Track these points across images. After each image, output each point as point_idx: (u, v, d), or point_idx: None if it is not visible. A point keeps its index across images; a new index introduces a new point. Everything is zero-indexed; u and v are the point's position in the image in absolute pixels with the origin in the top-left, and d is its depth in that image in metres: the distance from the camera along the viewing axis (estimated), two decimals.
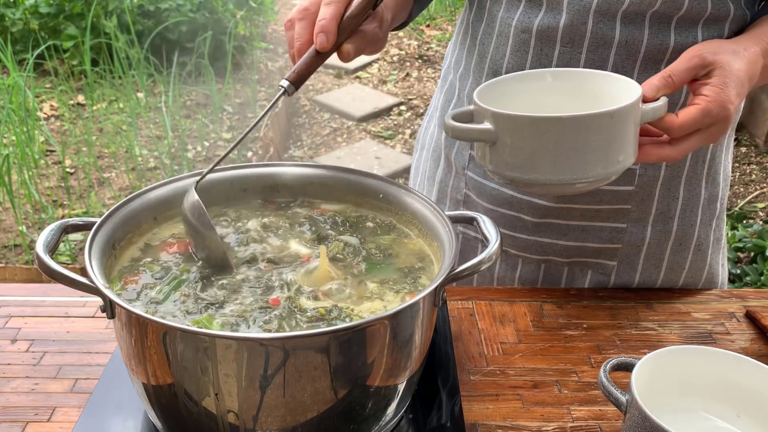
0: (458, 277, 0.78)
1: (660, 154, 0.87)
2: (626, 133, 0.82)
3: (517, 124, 0.82)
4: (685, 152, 0.87)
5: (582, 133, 0.80)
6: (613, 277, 1.14)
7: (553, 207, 1.10)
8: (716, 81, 0.85)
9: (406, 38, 5.84)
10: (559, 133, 0.80)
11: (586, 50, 1.00)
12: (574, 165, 0.82)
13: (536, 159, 0.82)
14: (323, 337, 0.70)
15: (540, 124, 0.81)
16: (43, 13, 4.46)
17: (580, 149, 0.81)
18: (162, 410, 0.79)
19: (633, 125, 0.82)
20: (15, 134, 3.40)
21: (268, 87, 4.62)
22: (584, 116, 0.80)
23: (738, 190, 3.60)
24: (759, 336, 1.04)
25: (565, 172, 0.82)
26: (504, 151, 0.84)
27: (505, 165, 0.85)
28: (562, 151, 0.81)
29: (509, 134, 0.83)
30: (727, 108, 0.84)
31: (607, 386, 0.79)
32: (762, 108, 3.94)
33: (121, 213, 0.87)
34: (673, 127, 0.84)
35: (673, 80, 0.85)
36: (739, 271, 2.63)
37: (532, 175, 0.83)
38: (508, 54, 1.05)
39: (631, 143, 0.83)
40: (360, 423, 0.78)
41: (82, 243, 3.01)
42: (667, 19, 0.97)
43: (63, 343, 1.00)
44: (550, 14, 1.00)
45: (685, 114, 0.84)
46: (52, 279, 0.76)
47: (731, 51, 0.87)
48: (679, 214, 1.10)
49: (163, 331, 0.71)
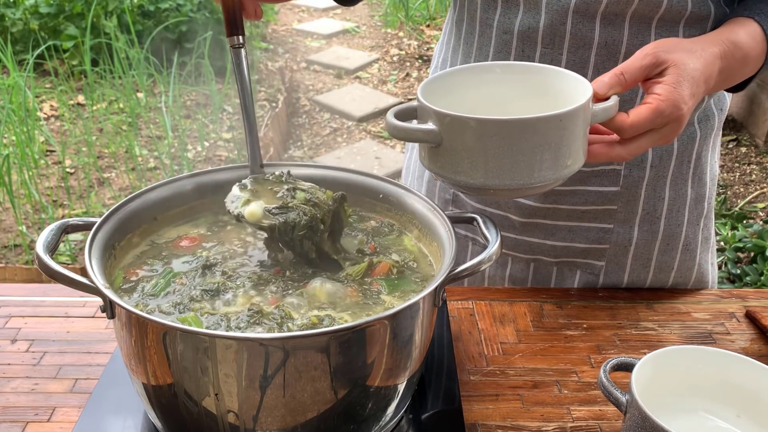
0: (458, 277, 0.78)
1: (610, 154, 0.83)
2: (575, 135, 0.78)
3: (462, 126, 0.77)
4: (637, 153, 0.84)
5: (529, 137, 0.76)
6: (602, 277, 1.14)
7: (540, 207, 1.10)
8: (669, 80, 0.82)
9: (406, 38, 5.84)
10: (506, 137, 0.76)
11: (566, 51, 0.99)
12: (521, 169, 0.77)
13: (482, 162, 0.77)
14: (323, 337, 0.70)
15: (486, 126, 0.76)
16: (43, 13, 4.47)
17: (527, 153, 0.76)
18: (162, 410, 0.79)
19: (582, 127, 0.78)
20: (15, 134, 3.40)
21: (268, 87, 4.61)
22: (531, 119, 0.75)
23: (738, 190, 3.60)
24: (759, 336, 1.04)
25: (512, 176, 0.78)
26: (449, 154, 0.79)
27: (450, 168, 0.80)
28: (509, 154, 0.76)
29: (454, 136, 0.78)
30: (679, 107, 0.81)
31: (607, 386, 0.79)
32: (762, 108, 3.94)
33: (121, 213, 0.87)
34: (624, 128, 0.81)
35: (625, 78, 0.82)
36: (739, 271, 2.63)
37: (477, 180, 0.79)
38: (491, 54, 1.05)
39: (581, 145, 0.80)
40: (360, 423, 0.78)
41: (82, 243, 3.01)
42: (647, 19, 0.97)
43: (63, 343, 1.00)
44: (529, 15, 1.00)
45: (637, 114, 0.81)
46: (52, 279, 0.76)
47: (687, 50, 0.84)
48: (666, 214, 1.10)
49: (163, 331, 0.71)
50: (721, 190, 3.56)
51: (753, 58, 0.91)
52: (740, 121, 4.17)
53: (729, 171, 3.78)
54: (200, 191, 0.95)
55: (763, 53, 0.92)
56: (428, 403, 0.89)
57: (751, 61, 0.92)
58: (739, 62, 0.90)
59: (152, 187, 0.92)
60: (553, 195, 1.09)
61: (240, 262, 0.88)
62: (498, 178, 0.78)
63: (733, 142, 4.02)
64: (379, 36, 5.97)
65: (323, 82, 5.08)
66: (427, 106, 0.79)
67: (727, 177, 3.72)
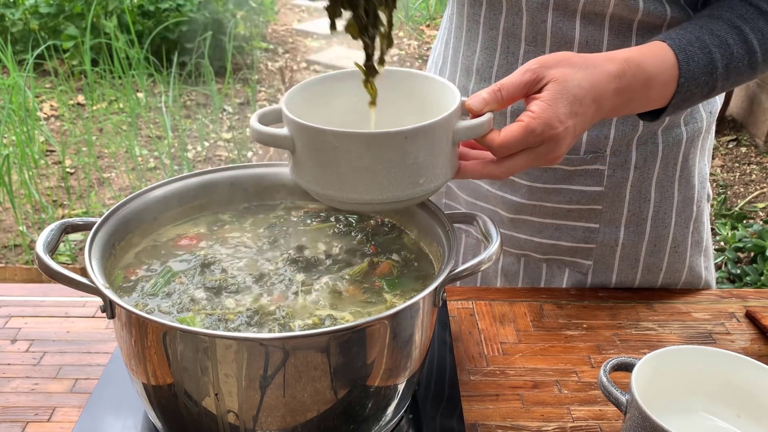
0: (458, 277, 0.78)
1: (483, 171, 0.81)
2: (427, 153, 0.75)
3: (307, 134, 0.75)
4: (512, 172, 0.80)
5: (371, 152, 0.73)
6: (590, 277, 1.14)
7: (525, 204, 1.10)
8: (545, 96, 0.77)
9: (406, 38, 5.84)
10: (347, 150, 0.74)
11: (549, 49, 0.99)
12: (366, 185, 0.75)
13: (328, 174, 0.76)
14: (323, 337, 0.70)
15: (326, 137, 0.74)
16: (43, 13, 4.47)
17: (371, 169, 0.74)
18: (162, 410, 0.79)
19: (438, 144, 0.76)
20: (15, 134, 3.40)
21: (268, 87, 4.61)
22: (373, 134, 0.73)
23: (738, 190, 3.60)
24: (759, 336, 1.04)
25: (356, 191, 0.76)
26: (302, 162, 0.78)
27: (303, 176, 0.79)
28: (352, 169, 0.74)
29: (303, 144, 0.76)
30: (553, 126, 0.77)
31: (607, 386, 0.79)
32: (762, 108, 3.94)
33: (121, 213, 0.87)
34: (494, 146, 0.78)
35: (502, 95, 0.79)
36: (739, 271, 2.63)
37: (327, 191, 0.77)
38: (479, 51, 1.05)
39: (437, 163, 0.77)
40: (360, 423, 0.78)
41: (82, 243, 3.01)
42: (628, 22, 0.96)
43: (63, 343, 1.00)
44: (512, 12, 1.00)
45: (507, 132, 0.77)
46: (52, 279, 0.76)
47: (574, 66, 0.80)
48: (652, 215, 1.10)
49: (163, 331, 0.71)
50: (721, 190, 3.57)
51: (659, 83, 0.85)
52: (740, 121, 4.17)
53: (729, 171, 3.77)
54: (200, 191, 0.95)
55: (674, 80, 0.86)
56: (428, 403, 0.89)
57: (656, 85, 0.85)
58: (642, 85, 0.84)
59: (152, 187, 0.92)
60: (538, 192, 1.09)
61: (241, 261, 0.88)
62: (344, 190, 0.77)
63: (733, 142, 4.02)
64: None
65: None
66: (283, 111, 0.78)
67: (727, 177, 3.72)
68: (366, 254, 0.90)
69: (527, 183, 1.09)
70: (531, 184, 1.09)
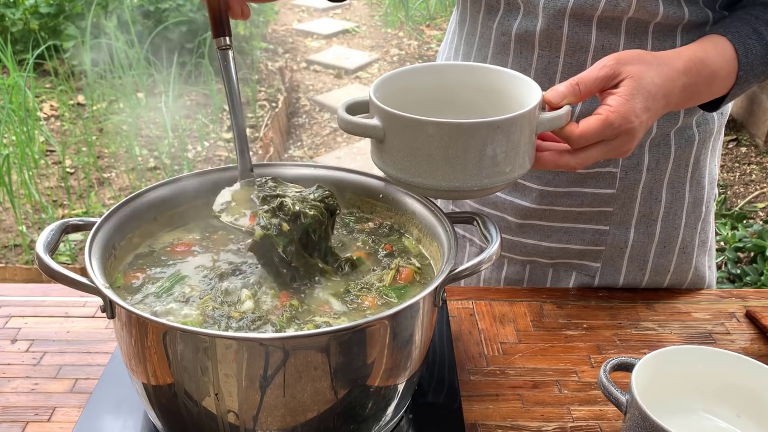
0: (458, 277, 0.78)
1: (558, 162, 0.83)
2: (515, 143, 0.78)
3: (401, 124, 0.78)
4: (587, 163, 0.83)
5: (464, 141, 0.76)
6: (598, 279, 1.14)
7: (536, 208, 1.10)
8: (623, 91, 0.81)
9: (406, 38, 5.84)
10: (441, 138, 0.76)
11: (563, 54, 0.99)
12: (457, 173, 0.78)
13: (419, 162, 0.78)
14: (323, 337, 0.70)
15: (422, 126, 0.77)
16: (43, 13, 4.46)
17: (462, 157, 0.77)
18: (162, 410, 0.79)
19: (524, 135, 0.79)
20: (15, 134, 3.40)
21: (268, 87, 4.61)
22: (467, 124, 0.76)
23: (738, 190, 3.60)
24: (759, 336, 1.04)
25: (447, 179, 0.78)
26: (391, 151, 0.80)
27: (392, 165, 0.81)
28: (445, 157, 0.77)
29: (395, 133, 0.79)
30: (630, 120, 0.80)
31: (607, 386, 0.79)
32: (762, 108, 3.94)
33: (121, 213, 0.87)
34: (573, 138, 0.80)
35: (580, 89, 0.82)
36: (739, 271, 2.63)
37: (416, 179, 0.80)
38: (490, 56, 1.05)
39: (521, 153, 0.80)
40: (360, 423, 0.78)
41: (82, 243, 3.01)
42: (644, 24, 0.96)
43: (63, 343, 1.00)
44: (527, 18, 1.00)
45: (586, 124, 0.80)
46: (52, 279, 0.76)
47: (647, 63, 0.83)
48: (663, 217, 1.10)
49: (163, 331, 0.71)
50: (721, 190, 3.56)
51: (721, 77, 0.89)
52: (740, 121, 4.17)
53: (729, 171, 3.77)
54: (200, 191, 0.95)
55: (734, 73, 0.90)
56: (428, 403, 0.89)
57: (718, 79, 0.89)
58: (706, 80, 0.88)
59: (152, 187, 0.92)
60: (549, 196, 1.08)
61: (241, 262, 0.88)
62: (434, 178, 0.79)
63: (733, 142, 4.02)
64: (379, 36, 5.97)
65: (323, 82, 5.08)
66: (374, 102, 0.81)
67: (727, 177, 3.72)
68: (381, 256, 0.89)
69: (539, 187, 1.08)
70: (542, 188, 1.08)
